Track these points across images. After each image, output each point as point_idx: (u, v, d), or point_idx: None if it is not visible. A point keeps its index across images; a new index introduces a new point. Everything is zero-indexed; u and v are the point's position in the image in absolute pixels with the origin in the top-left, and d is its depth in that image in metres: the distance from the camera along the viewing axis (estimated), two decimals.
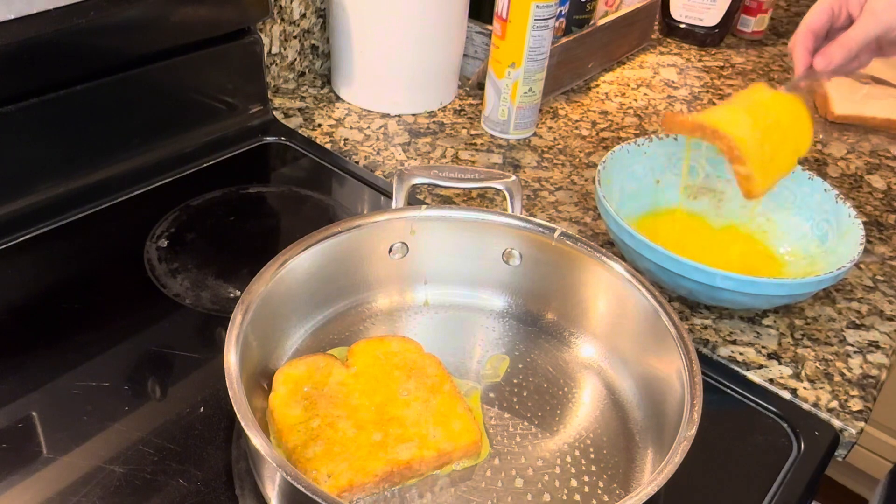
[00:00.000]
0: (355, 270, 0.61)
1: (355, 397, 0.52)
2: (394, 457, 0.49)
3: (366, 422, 0.51)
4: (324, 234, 0.57)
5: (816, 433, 0.58)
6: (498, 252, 0.62)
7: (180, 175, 0.78)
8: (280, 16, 0.91)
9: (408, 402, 0.52)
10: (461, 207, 0.67)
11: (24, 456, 0.50)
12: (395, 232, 0.61)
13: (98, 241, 0.69)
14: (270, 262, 0.54)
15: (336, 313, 0.61)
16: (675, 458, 0.43)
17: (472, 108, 0.96)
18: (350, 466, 0.48)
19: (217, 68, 0.80)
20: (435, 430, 0.51)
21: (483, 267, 0.63)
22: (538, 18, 0.82)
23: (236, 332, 0.48)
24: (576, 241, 0.59)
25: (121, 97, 0.73)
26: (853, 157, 0.94)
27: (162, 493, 0.48)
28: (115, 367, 0.56)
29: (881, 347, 0.66)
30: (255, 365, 0.52)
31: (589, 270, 0.59)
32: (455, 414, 0.52)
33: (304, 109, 0.93)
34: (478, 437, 0.51)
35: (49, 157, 0.70)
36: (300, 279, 0.56)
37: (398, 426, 0.51)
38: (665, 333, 0.52)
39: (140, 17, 0.69)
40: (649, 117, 0.99)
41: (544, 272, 0.61)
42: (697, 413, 0.46)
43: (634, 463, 0.52)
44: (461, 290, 0.64)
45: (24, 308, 0.61)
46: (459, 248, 0.62)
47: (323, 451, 0.48)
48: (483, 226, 0.61)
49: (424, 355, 0.57)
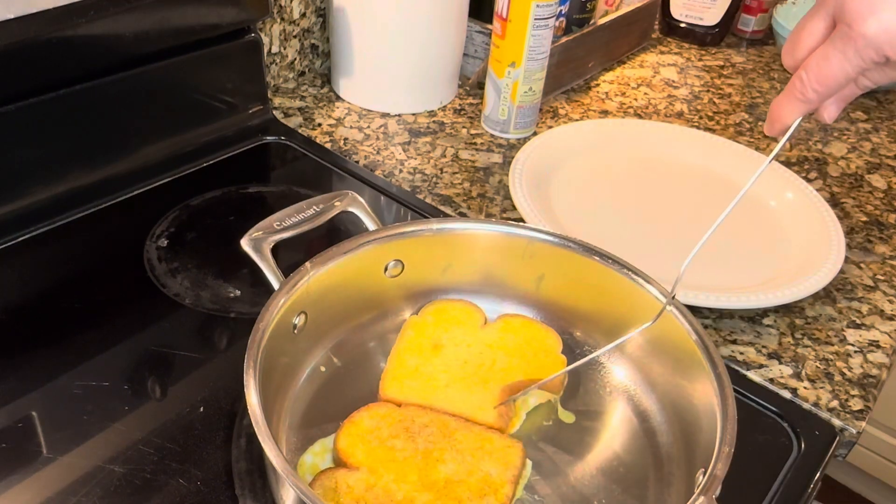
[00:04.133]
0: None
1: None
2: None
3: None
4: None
5: (817, 433, 0.58)
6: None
7: (180, 175, 0.78)
8: (280, 15, 0.91)
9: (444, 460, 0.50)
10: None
11: (24, 456, 0.50)
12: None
13: (98, 241, 0.69)
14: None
15: (352, 328, 0.59)
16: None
17: (472, 108, 0.96)
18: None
19: (217, 68, 0.80)
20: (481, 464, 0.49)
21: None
22: (538, 18, 0.82)
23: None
24: (606, 258, 0.56)
25: (121, 97, 0.73)
26: (853, 157, 0.94)
27: (162, 493, 0.48)
28: (115, 367, 0.56)
29: (881, 347, 0.66)
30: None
31: (618, 286, 0.56)
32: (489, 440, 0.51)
33: (304, 109, 0.93)
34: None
35: (49, 156, 0.70)
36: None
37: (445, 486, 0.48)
38: (698, 360, 0.50)
39: (140, 17, 0.69)
40: (649, 116, 0.99)
41: (571, 288, 0.59)
42: (729, 448, 0.44)
43: (662, 492, 0.51)
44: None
45: (24, 308, 0.61)
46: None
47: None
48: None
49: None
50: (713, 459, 0.44)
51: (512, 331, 0.59)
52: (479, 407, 0.53)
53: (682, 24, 1.20)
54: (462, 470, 0.48)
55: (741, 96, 1.07)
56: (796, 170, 0.89)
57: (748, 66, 1.16)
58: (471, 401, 0.53)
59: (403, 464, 0.48)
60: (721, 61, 1.17)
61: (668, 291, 0.53)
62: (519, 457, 0.50)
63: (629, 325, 0.54)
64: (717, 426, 0.46)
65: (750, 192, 0.59)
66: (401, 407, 0.53)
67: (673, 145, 0.88)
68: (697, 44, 1.21)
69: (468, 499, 0.47)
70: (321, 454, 0.51)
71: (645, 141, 0.88)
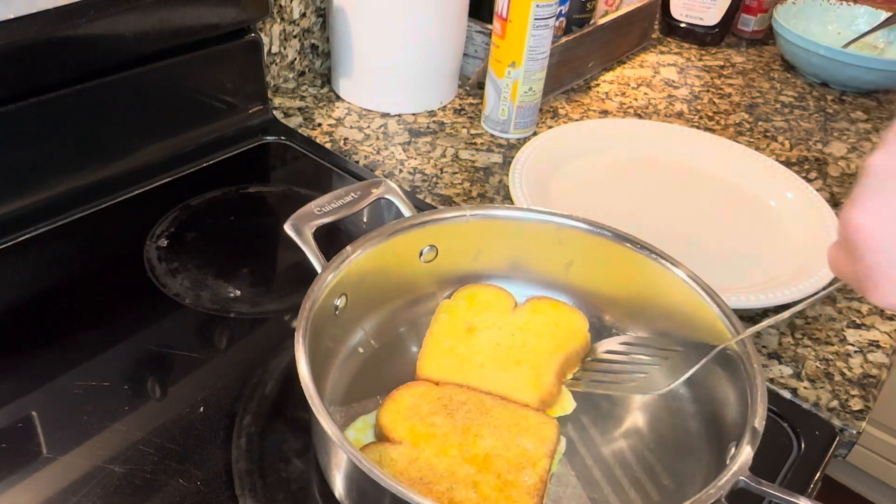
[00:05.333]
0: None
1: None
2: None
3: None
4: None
5: (817, 433, 0.58)
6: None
7: (180, 175, 0.78)
8: (280, 15, 0.91)
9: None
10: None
11: (24, 456, 0.50)
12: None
13: (98, 241, 0.69)
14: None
15: (388, 311, 0.61)
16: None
17: (472, 108, 0.96)
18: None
19: (217, 68, 0.80)
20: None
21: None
22: (538, 18, 0.82)
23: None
24: (638, 245, 0.58)
25: (121, 97, 0.73)
26: (853, 157, 0.94)
27: (162, 493, 0.48)
28: (115, 367, 0.56)
29: (881, 347, 0.66)
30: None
31: (647, 272, 0.58)
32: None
33: (304, 109, 0.93)
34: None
35: (49, 156, 0.70)
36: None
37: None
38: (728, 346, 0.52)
39: (140, 17, 0.69)
40: (649, 116, 0.99)
41: (600, 274, 0.61)
42: (760, 424, 0.45)
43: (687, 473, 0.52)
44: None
45: (24, 308, 0.61)
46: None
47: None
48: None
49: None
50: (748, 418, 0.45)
51: (541, 312, 0.60)
52: (514, 386, 0.55)
53: (682, 24, 1.20)
54: (500, 444, 0.50)
55: (741, 96, 1.07)
56: (796, 170, 0.89)
57: (748, 66, 1.16)
58: (505, 380, 0.55)
59: (443, 439, 0.50)
60: (721, 61, 1.17)
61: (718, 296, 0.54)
62: (554, 432, 0.51)
63: (657, 310, 0.58)
64: (748, 397, 0.47)
65: (750, 192, 0.60)
66: (438, 385, 0.54)
67: (673, 145, 0.88)
68: (697, 44, 1.21)
69: (507, 471, 0.48)
70: (363, 430, 0.53)
71: (645, 141, 0.88)
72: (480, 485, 0.47)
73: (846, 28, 1.18)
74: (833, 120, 1.03)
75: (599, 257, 0.60)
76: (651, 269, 0.58)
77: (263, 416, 0.53)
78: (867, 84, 1.08)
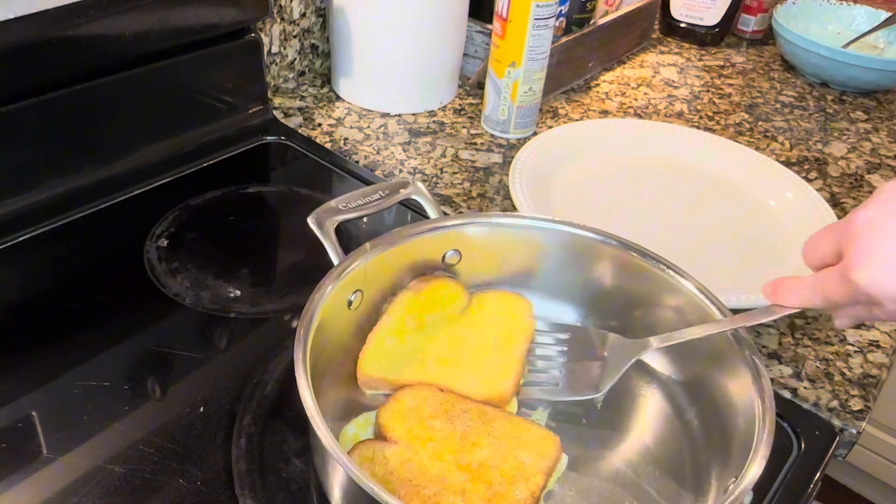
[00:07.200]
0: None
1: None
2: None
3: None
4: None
5: (817, 433, 0.58)
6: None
7: (180, 175, 0.78)
8: (280, 15, 0.91)
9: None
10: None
11: (24, 456, 0.50)
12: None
13: (98, 241, 0.69)
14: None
15: None
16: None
17: (472, 108, 0.96)
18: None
19: (217, 68, 0.80)
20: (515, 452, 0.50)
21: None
22: (538, 18, 0.82)
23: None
24: (646, 256, 0.58)
25: (121, 97, 0.73)
26: (853, 157, 0.94)
27: (162, 492, 0.48)
28: (115, 367, 0.56)
29: (881, 347, 0.66)
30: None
31: (663, 285, 0.57)
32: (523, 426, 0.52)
33: (304, 109, 0.93)
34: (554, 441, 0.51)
35: (49, 156, 0.70)
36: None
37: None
38: (736, 355, 0.51)
39: (140, 17, 0.69)
40: (649, 116, 0.99)
41: (617, 285, 0.60)
42: (766, 446, 0.45)
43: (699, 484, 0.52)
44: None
45: (24, 308, 0.62)
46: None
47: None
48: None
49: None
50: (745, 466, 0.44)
51: (483, 305, 0.60)
52: (461, 381, 0.54)
53: (682, 24, 1.21)
54: (496, 455, 0.49)
55: (741, 96, 1.07)
56: (796, 170, 0.89)
57: (748, 66, 1.16)
58: (450, 375, 0.55)
59: (440, 444, 0.50)
60: (721, 61, 1.17)
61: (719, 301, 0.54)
62: (554, 449, 0.51)
63: (675, 321, 0.57)
64: (755, 427, 0.47)
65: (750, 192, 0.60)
66: (443, 392, 0.54)
67: (673, 145, 0.88)
68: (697, 44, 1.21)
69: (499, 483, 0.48)
70: (364, 426, 0.53)
71: (645, 141, 0.88)
72: (469, 493, 0.47)
73: (846, 28, 1.18)
74: (833, 120, 1.03)
75: (615, 269, 0.60)
76: (665, 283, 0.57)
77: (263, 416, 0.53)
78: (867, 84, 1.08)
